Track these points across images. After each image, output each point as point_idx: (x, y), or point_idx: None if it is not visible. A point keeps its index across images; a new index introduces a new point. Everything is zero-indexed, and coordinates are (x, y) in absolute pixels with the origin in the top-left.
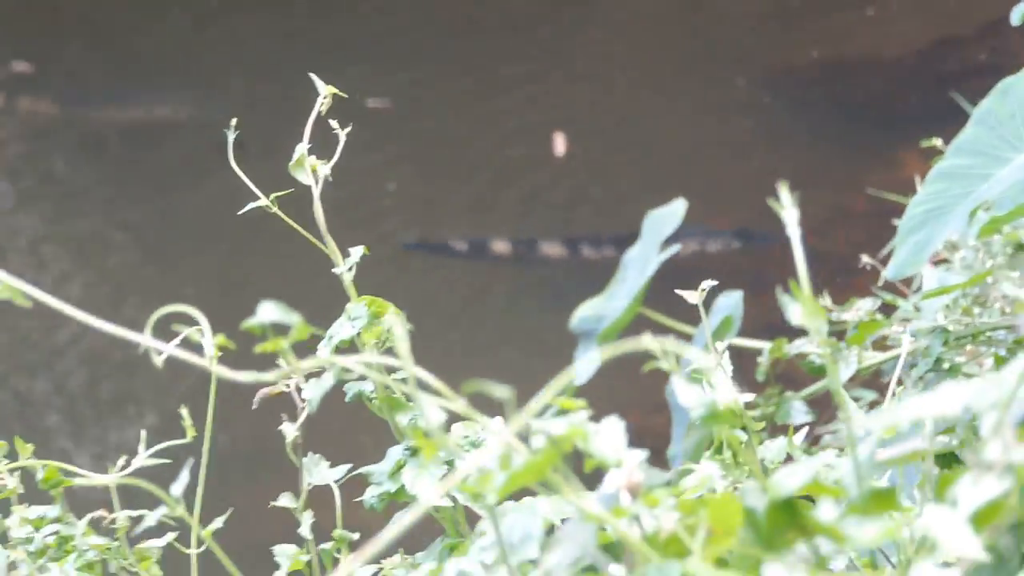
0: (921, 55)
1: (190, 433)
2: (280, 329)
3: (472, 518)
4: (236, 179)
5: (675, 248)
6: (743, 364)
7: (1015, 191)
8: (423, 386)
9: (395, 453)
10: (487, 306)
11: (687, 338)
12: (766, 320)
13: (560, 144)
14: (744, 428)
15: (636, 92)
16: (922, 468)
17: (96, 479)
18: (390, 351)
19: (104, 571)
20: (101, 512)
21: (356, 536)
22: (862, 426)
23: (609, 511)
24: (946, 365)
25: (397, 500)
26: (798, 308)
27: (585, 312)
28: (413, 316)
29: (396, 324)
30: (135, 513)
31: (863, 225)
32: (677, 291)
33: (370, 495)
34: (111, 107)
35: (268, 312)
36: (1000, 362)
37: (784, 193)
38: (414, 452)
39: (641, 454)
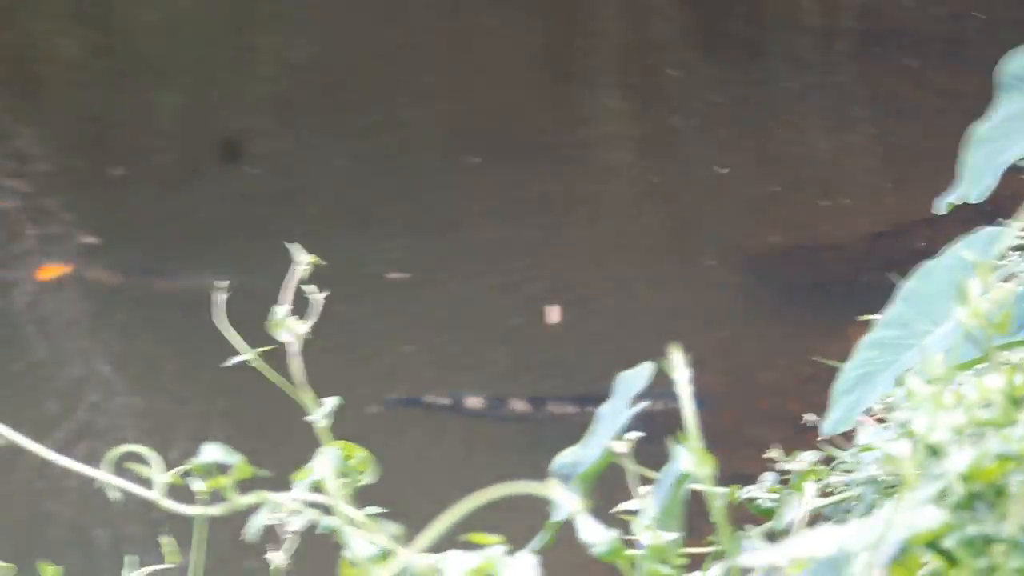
0: (867, 242)
1: (174, 559)
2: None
3: None
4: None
5: (643, 404)
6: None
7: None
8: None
9: None
10: (470, 454)
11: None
12: (732, 470)
13: (554, 314)
14: (665, 561)
15: (622, 270)
16: None
17: None
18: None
19: None
20: None
21: None
22: (751, 561)
23: None
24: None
25: None
26: (687, 455)
27: (563, 459)
28: (405, 465)
29: (327, 463)
30: None
31: (817, 388)
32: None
33: None
34: (165, 278)
35: (211, 452)
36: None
37: (677, 357)
38: None
39: None
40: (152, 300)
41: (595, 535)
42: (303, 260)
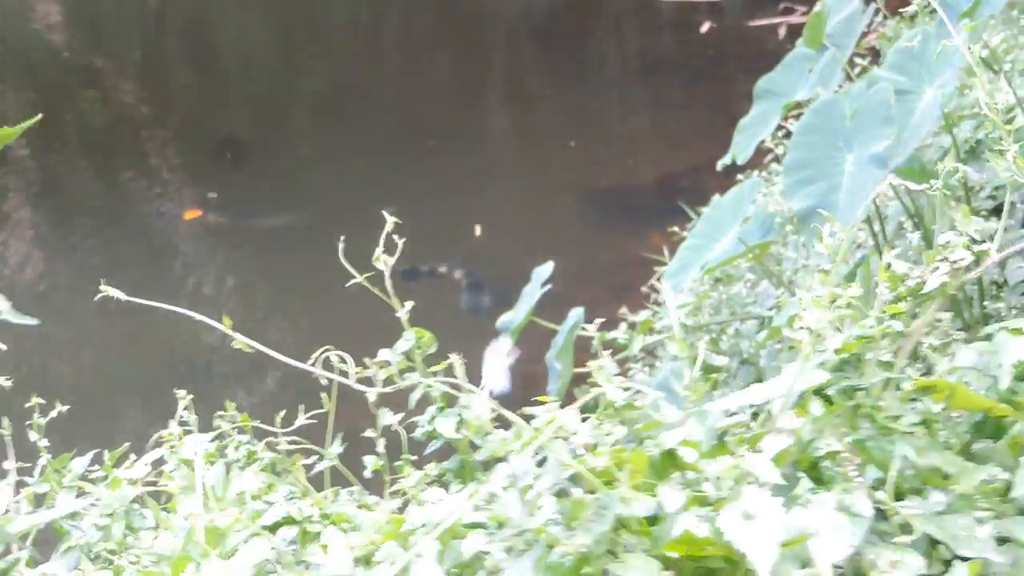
0: (656, 183)
1: (328, 405)
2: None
3: (473, 446)
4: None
5: (548, 286)
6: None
7: (721, 254)
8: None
9: (431, 409)
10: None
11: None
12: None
13: (478, 230)
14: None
15: (516, 206)
16: (743, 432)
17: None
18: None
19: (273, 471)
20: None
21: (414, 457)
22: (711, 408)
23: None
24: (688, 342)
25: (432, 436)
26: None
27: (504, 319)
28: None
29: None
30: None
31: (638, 270)
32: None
33: (419, 432)
34: (256, 219)
35: (386, 354)
36: (713, 343)
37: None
38: (441, 409)
39: (589, 426)
40: (250, 234)
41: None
42: (390, 219)
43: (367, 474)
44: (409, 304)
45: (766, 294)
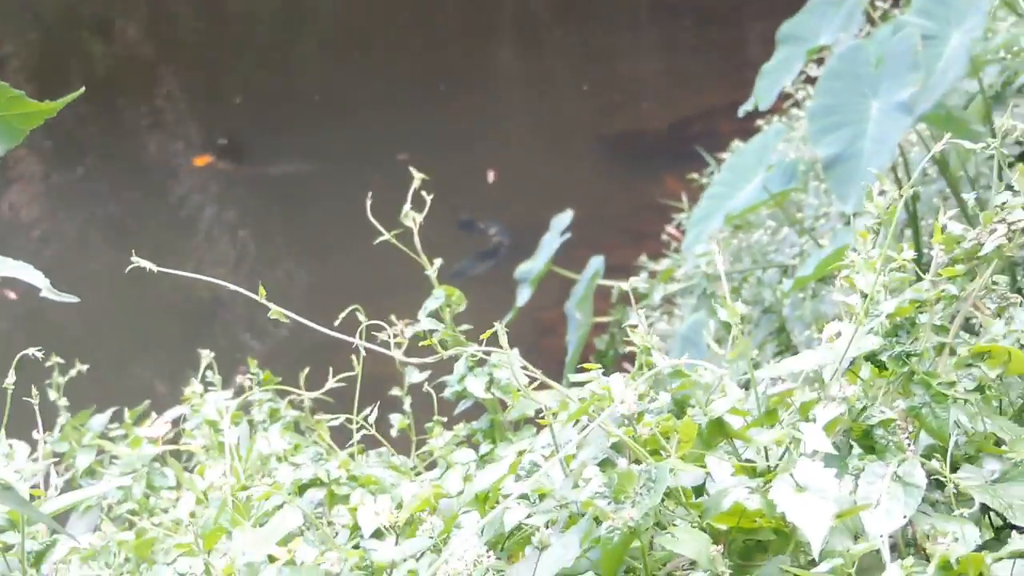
0: (671, 127)
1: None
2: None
3: (503, 404)
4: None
5: (568, 235)
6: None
7: (745, 202)
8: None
9: (461, 368)
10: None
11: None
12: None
13: (492, 175)
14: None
15: (532, 150)
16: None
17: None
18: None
19: (296, 429)
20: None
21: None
22: (760, 375)
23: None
24: (709, 291)
25: (462, 395)
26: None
27: (522, 268)
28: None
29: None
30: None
31: (655, 216)
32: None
33: (448, 391)
34: (266, 165)
35: (426, 322)
36: (735, 292)
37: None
38: (471, 368)
39: (635, 392)
40: (260, 181)
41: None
42: (417, 175)
43: (393, 432)
44: (438, 261)
45: (788, 241)
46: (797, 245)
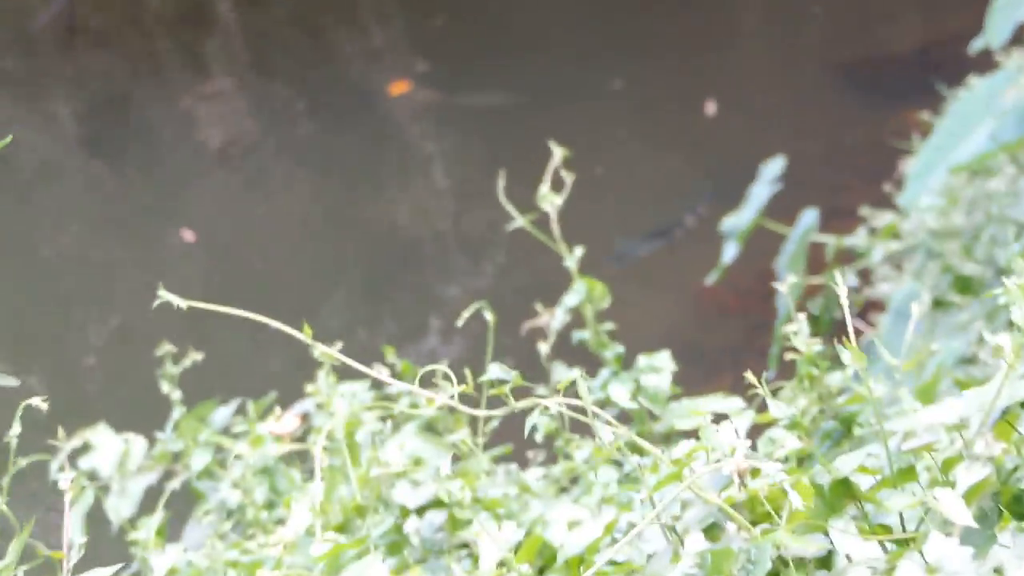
0: (915, 53)
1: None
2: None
3: (652, 416)
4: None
5: (778, 186)
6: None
7: (970, 153)
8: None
9: (604, 374)
10: None
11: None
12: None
13: (711, 107)
14: (816, 366)
15: (759, 78)
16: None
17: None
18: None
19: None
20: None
21: None
22: (890, 427)
23: (723, 494)
24: (936, 250)
25: (604, 404)
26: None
27: (728, 222)
28: None
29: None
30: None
31: (892, 154)
32: None
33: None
34: (470, 95)
35: (495, 371)
36: (966, 249)
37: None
38: (615, 374)
39: (746, 444)
40: (463, 114)
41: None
42: (558, 152)
43: (538, 437)
44: (579, 250)
45: None
46: None
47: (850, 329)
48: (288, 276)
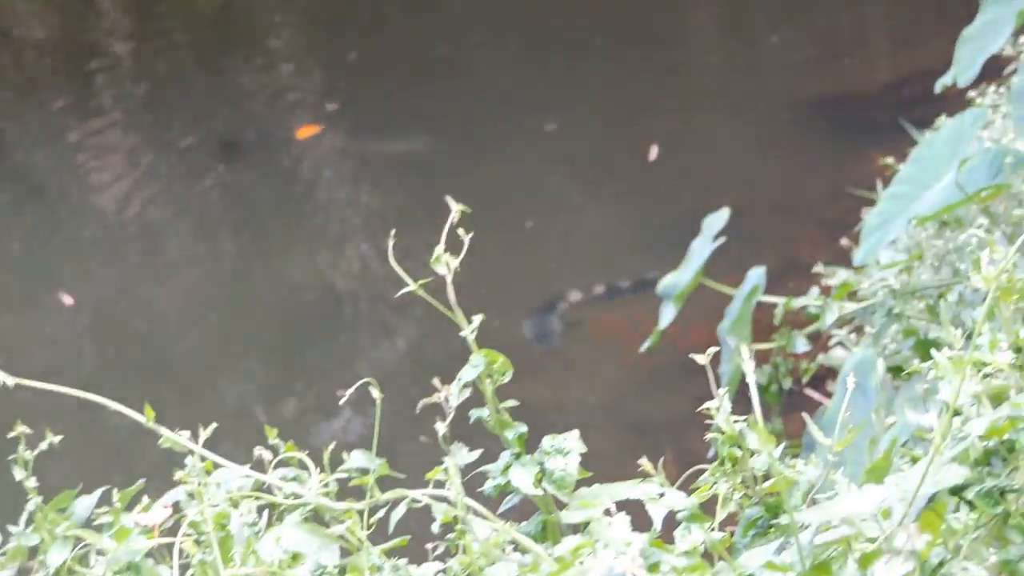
0: (882, 91)
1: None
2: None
3: (559, 503)
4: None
5: (721, 240)
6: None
7: (934, 203)
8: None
9: (505, 457)
10: None
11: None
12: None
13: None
14: (739, 447)
15: (703, 118)
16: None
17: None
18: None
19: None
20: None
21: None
22: (803, 519)
23: None
24: (896, 311)
25: (506, 490)
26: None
27: (667, 281)
28: None
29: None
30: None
31: (854, 202)
32: None
33: (488, 486)
34: (386, 139)
35: (357, 459)
36: (931, 310)
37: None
38: (517, 456)
39: (642, 541)
40: (376, 158)
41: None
42: (456, 208)
43: (435, 527)
44: (478, 319)
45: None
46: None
47: (756, 405)
48: (181, 343)
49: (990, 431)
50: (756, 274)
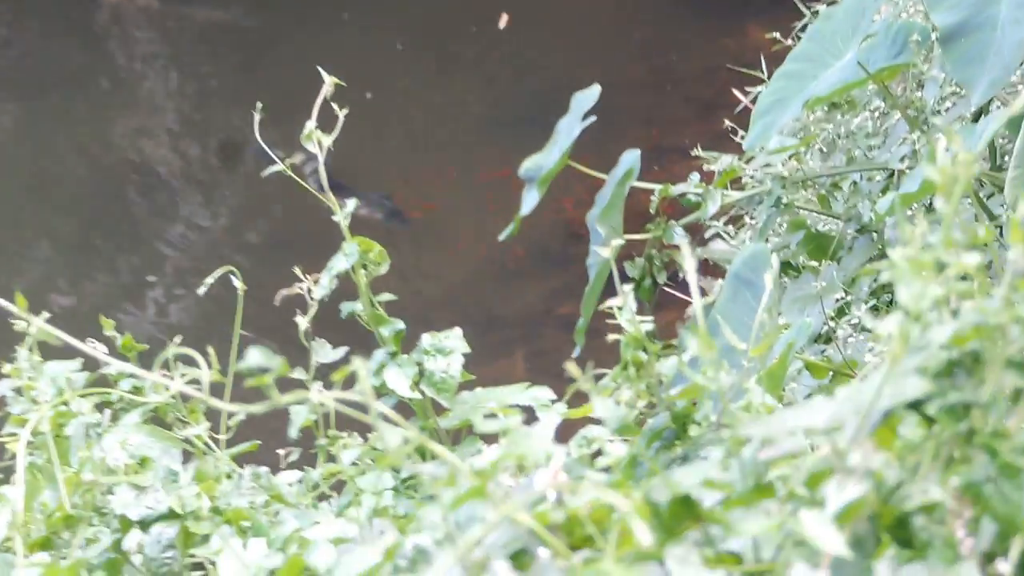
0: None
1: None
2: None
3: (437, 408)
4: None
5: (592, 119)
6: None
7: (833, 83)
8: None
9: (379, 356)
10: None
11: (602, 181)
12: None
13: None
14: (645, 349)
15: None
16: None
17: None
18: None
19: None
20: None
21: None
22: (747, 432)
23: (535, 509)
24: (785, 201)
25: (380, 392)
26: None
27: (529, 164)
28: None
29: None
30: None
31: (730, 79)
32: None
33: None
34: (195, 6)
35: (255, 357)
36: (822, 200)
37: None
38: (393, 355)
39: (565, 453)
40: (186, 27)
41: None
42: (329, 80)
43: (293, 433)
44: (351, 203)
45: (899, 133)
46: (911, 140)
47: (696, 304)
48: None
49: (954, 339)
50: (630, 157)
